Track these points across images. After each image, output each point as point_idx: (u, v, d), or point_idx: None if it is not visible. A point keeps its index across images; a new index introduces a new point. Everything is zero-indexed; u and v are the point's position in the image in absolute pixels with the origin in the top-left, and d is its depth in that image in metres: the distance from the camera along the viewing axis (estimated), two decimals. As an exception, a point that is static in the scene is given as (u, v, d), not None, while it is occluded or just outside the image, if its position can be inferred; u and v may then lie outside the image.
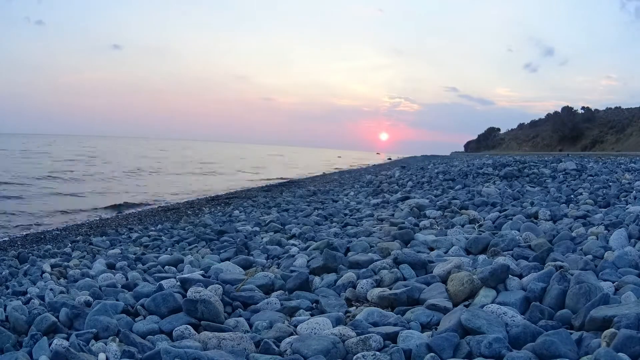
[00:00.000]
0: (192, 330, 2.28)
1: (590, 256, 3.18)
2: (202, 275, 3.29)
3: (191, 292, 2.65)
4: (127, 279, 3.76)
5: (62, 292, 3.36)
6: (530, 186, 8.59)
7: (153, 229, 7.97)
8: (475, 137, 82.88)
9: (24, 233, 8.31)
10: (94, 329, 2.28)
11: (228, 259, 4.34)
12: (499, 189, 7.91)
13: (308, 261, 3.75)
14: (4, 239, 7.61)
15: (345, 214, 7.35)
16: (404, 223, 5.18)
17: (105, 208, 11.92)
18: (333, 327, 2.27)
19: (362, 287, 2.92)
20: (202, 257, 4.67)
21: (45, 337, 2.16)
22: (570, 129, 50.85)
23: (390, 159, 69.87)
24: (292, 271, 3.49)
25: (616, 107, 54.96)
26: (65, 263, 4.93)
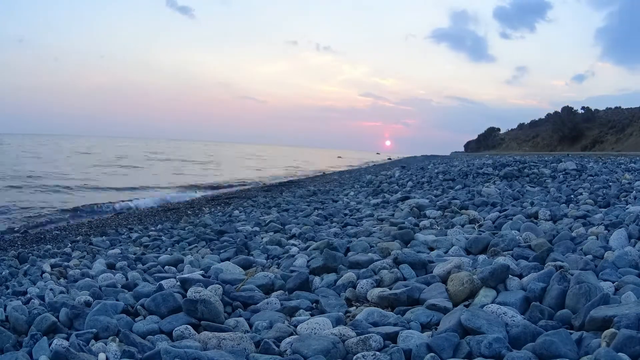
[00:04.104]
0: (192, 330, 2.27)
1: (590, 256, 3.18)
2: (202, 275, 3.29)
3: (191, 292, 2.65)
4: (127, 279, 3.75)
5: (62, 292, 3.36)
6: (530, 186, 8.59)
7: (153, 229, 7.97)
8: (475, 136, 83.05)
9: (23, 232, 8.31)
10: (94, 329, 2.28)
11: (228, 259, 4.34)
12: (499, 189, 7.91)
13: (308, 261, 3.74)
14: (4, 239, 7.61)
15: (345, 214, 7.35)
16: (404, 223, 5.18)
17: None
18: (333, 327, 2.27)
19: (362, 287, 2.92)
20: (202, 257, 4.67)
21: (45, 337, 2.15)
22: (570, 129, 50.89)
23: (390, 158, 69.88)
24: (292, 271, 3.49)
25: (616, 107, 54.96)
26: (65, 263, 4.93)
